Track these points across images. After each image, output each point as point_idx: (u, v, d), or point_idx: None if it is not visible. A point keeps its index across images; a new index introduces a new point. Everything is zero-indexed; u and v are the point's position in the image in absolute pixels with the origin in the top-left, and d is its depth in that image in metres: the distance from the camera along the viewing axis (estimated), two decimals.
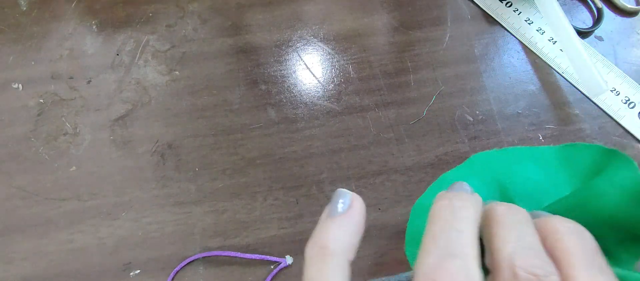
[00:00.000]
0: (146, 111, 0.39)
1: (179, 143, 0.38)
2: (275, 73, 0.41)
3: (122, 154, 0.37)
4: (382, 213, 0.35)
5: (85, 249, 0.34)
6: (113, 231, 0.35)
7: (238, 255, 0.33)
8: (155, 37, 0.42)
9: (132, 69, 0.41)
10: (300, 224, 0.35)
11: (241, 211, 0.35)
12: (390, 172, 0.36)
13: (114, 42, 0.42)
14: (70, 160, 0.37)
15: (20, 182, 0.37)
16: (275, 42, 0.42)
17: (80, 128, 0.39)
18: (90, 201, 0.36)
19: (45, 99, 0.40)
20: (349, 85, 0.40)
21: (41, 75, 0.41)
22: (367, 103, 0.39)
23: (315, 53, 0.42)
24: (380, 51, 0.41)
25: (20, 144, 0.38)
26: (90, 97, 0.40)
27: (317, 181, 0.36)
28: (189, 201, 0.36)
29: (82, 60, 0.41)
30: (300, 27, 0.43)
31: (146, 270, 0.34)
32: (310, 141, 0.38)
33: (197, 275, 0.33)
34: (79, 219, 0.35)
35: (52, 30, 0.43)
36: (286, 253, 0.34)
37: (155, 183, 0.36)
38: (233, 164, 0.37)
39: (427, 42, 0.41)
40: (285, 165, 0.37)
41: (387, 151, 0.37)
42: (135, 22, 0.43)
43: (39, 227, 0.35)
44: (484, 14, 0.43)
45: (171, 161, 0.37)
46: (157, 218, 0.35)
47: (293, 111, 0.39)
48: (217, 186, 0.36)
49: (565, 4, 0.43)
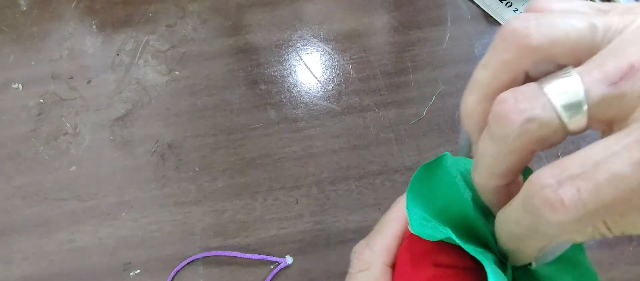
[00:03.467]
0: (146, 111, 0.39)
1: (179, 143, 0.38)
2: (275, 73, 0.41)
3: (122, 154, 0.37)
4: (382, 213, 0.35)
5: (85, 249, 0.34)
6: (113, 231, 0.35)
7: (238, 255, 0.33)
8: (155, 37, 0.42)
9: (132, 69, 0.41)
10: (300, 224, 0.35)
11: (241, 211, 0.35)
12: (390, 172, 0.36)
13: (114, 42, 0.42)
14: (70, 160, 0.37)
15: (20, 182, 0.37)
16: (275, 42, 0.42)
17: (80, 128, 0.39)
18: (90, 201, 0.36)
19: (45, 99, 0.40)
20: (349, 85, 0.40)
21: (41, 75, 0.41)
22: (367, 103, 0.39)
23: (315, 53, 0.42)
24: (380, 51, 0.41)
25: (20, 144, 0.38)
26: (90, 97, 0.40)
27: (317, 181, 0.36)
28: (189, 201, 0.36)
29: (82, 60, 0.41)
30: (300, 27, 0.43)
31: (146, 270, 0.34)
32: (310, 141, 0.38)
33: (197, 275, 0.33)
34: (79, 219, 0.35)
35: (52, 30, 0.43)
36: (286, 253, 0.34)
37: (155, 183, 0.36)
38: (233, 164, 0.37)
39: (427, 42, 0.41)
40: (285, 165, 0.37)
41: (387, 151, 0.37)
42: (135, 22, 0.43)
43: (39, 227, 0.35)
44: (484, 14, 0.43)
45: (171, 161, 0.37)
46: (157, 218, 0.35)
47: (293, 111, 0.39)
48: (217, 186, 0.36)
49: None
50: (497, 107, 0.16)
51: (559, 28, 0.15)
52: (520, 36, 0.16)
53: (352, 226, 0.35)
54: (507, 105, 0.15)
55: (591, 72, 0.14)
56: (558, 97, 0.15)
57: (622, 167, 0.13)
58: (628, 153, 0.13)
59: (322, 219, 0.35)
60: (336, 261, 0.34)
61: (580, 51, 0.15)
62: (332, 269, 0.33)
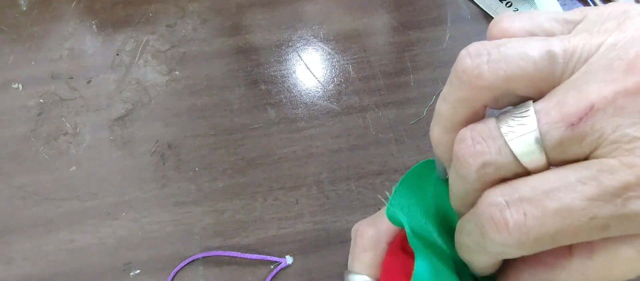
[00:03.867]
0: (146, 111, 0.39)
1: (179, 143, 0.38)
2: (275, 73, 0.41)
3: (122, 154, 0.37)
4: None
5: (85, 249, 0.34)
6: (113, 231, 0.35)
7: (238, 255, 0.33)
8: (155, 37, 0.42)
9: (132, 69, 0.41)
10: (300, 224, 0.35)
11: (241, 211, 0.35)
12: (390, 172, 0.36)
13: (114, 42, 0.42)
14: (70, 160, 0.37)
15: (20, 182, 0.37)
16: (275, 42, 0.42)
17: (80, 128, 0.39)
18: (90, 201, 0.36)
19: (45, 99, 0.40)
20: (349, 85, 0.40)
21: (41, 75, 0.41)
22: (367, 103, 0.39)
23: (315, 53, 0.42)
24: (380, 51, 0.41)
25: (20, 144, 0.38)
26: (90, 97, 0.40)
27: (317, 181, 0.36)
28: (189, 201, 0.36)
29: (82, 60, 0.41)
30: (300, 27, 0.43)
31: (146, 270, 0.34)
32: (310, 141, 0.38)
33: (197, 275, 0.33)
34: (79, 219, 0.35)
35: (52, 31, 0.43)
36: (286, 253, 0.34)
37: (155, 183, 0.36)
38: (233, 164, 0.37)
39: (427, 42, 0.41)
40: (285, 165, 0.37)
41: (387, 151, 0.37)
42: (135, 22, 0.43)
43: (39, 227, 0.35)
44: (484, 14, 0.43)
45: (171, 161, 0.37)
46: (157, 218, 0.35)
47: (293, 111, 0.39)
48: (217, 186, 0.36)
49: (565, 4, 0.43)
50: (456, 148, 0.15)
51: (513, 62, 0.14)
52: (472, 76, 0.15)
53: (352, 226, 0.34)
54: (464, 146, 0.15)
55: (550, 112, 0.14)
56: (514, 141, 0.14)
57: (574, 200, 0.13)
58: (582, 187, 0.13)
59: (322, 219, 0.35)
60: (336, 261, 0.34)
61: (539, 83, 0.14)
62: (332, 269, 0.33)
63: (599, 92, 0.13)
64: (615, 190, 0.13)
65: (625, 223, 0.13)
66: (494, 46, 0.15)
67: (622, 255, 0.14)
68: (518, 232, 0.14)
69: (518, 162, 0.14)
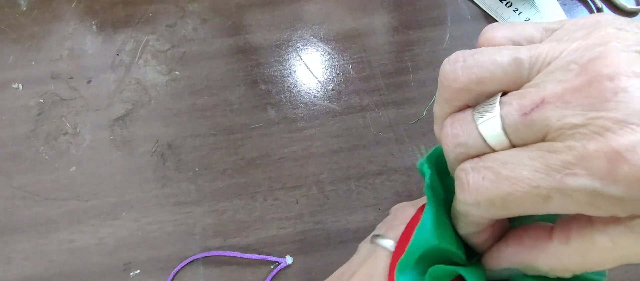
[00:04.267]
0: (146, 111, 0.39)
1: (179, 143, 0.38)
2: (275, 73, 0.41)
3: (122, 154, 0.37)
4: (382, 213, 0.35)
5: (85, 249, 0.34)
6: (113, 231, 0.35)
7: (238, 255, 0.33)
8: (155, 37, 0.42)
9: (132, 69, 0.41)
10: (300, 224, 0.35)
11: (241, 211, 0.35)
12: (390, 172, 0.36)
13: (114, 42, 0.42)
14: (70, 160, 0.37)
15: (20, 182, 0.37)
16: (275, 42, 0.42)
17: (80, 128, 0.39)
18: (90, 201, 0.36)
19: (45, 99, 0.40)
20: (349, 85, 0.40)
21: (41, 75, 0.41)
22: (367, 103, 0.39)
23: (315, 53, 0.42)
24: (380, 51, 0.41)
25: (20, 144, 0.38)
26: (90, 97, 0.40)
27: (317, 181, 0.36)
28: (189, 201, 0.36)
29: (82, 60, 0.41)
30: (300, 27, 0.43)
31: (146, 270, 0.34)
32: (310, 141, 0.38)
33: (197, 275, 0.33)
34: (79, 219, 0.35)
35: (52, 31, 0.43)
36: (286, 253, 0.34)
37: (155, 183, 0.36)
38: (233, 164, 0.37)
39: (427, 42, 0.41)
40: (285, 165, 0.37)
41: (387, 151, 0.37)
42: (135, 22, 0.43)
43: (39, 227, 0.35)
44: (484, 14, 0.43)
45: (171, 161, 0.37)
46: (157, 218, 0.35)
47: (293, 111, 0.39)
48: (217, 186, 0.36)
49: (565, 4, 0.43)
50: (441, 132, 0.19)
51: (484, 67, 0.17)
52: (450, 80, 0.18)
53: (352, 226, 0.35)
54: (444, 131, 0.19)
55: (511, 103, 0.17)
56: (482, 125, 0.17)
57: (523, 171, 0.16)
58: (531, 161, 0.16)
59: (322, 219, 0.35)
60: (336, 261, 0.34)
61: (508, 84, 0.17)
62: (332, 269, 0.33)
63: (552, 90, 0.16)
64: (556, 166, 0.15)
65: (565, 197, 0.15)
66: (470, 54, 0.18)
67: (598, 243, 0.16)
68: (476, 191, 0.17)
69: (485, 143, 0.17)
